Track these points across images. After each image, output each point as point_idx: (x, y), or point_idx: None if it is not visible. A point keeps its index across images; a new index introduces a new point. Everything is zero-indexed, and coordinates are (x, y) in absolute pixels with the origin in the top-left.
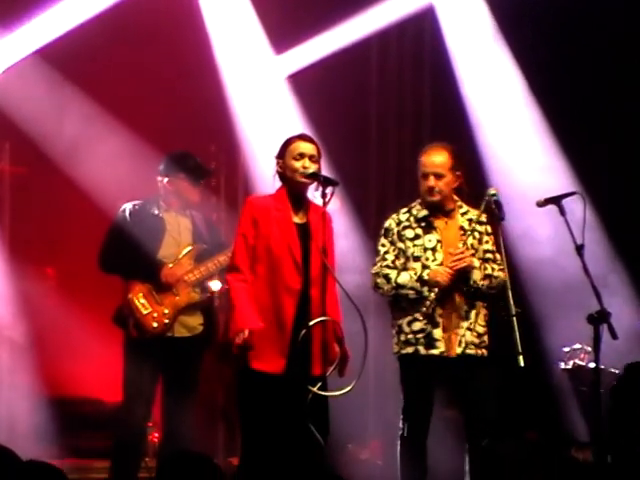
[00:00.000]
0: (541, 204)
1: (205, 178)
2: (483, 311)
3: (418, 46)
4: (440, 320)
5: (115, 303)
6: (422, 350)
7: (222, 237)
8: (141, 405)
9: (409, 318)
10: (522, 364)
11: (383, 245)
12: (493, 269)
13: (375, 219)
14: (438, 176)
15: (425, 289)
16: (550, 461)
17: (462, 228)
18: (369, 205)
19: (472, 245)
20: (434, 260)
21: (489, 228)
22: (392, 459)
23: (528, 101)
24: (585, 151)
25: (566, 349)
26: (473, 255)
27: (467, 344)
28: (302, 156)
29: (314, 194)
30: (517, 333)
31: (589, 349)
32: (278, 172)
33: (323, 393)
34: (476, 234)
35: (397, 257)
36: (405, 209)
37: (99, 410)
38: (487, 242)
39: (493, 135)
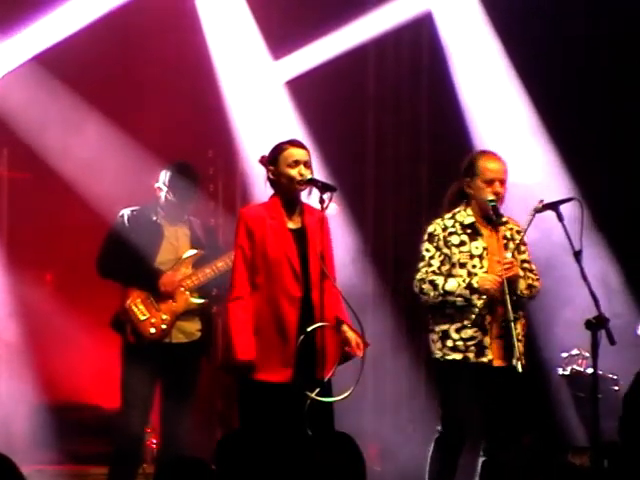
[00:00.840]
0: (539, 210)
1: (189, 200)
2: (523, 321)
3: (415, 53)
4: (488, 327)
5: (113, 309)
6: (472, 357)
7: (220, 243)
8: (139, 411)
9: (457, 325)
10: (520, 369)
11: (428, 250)
12: (532, 279)
13: (373, 224)
14: (502, 182)
15: (475, 297)
16: (548, 466)
17: (505, 237)
18: (366, 211)
19: (513, 255)
20: (481, 267)
21: (525, 238)
22: (390, 465)
23: (527, 108)
24: (586, 157)
25: (564, 355)
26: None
27: (520, 355)
28: (297, 163)
29: (308, 198)
30: (515, 339)
31: (587, 355)
32: (270, 179)
33: (321, 399)
34: (512, 243)
35: (442, 263)
36: (449, 215)
37: (97, 416)
38: (524, 252)
39: (491, 142)
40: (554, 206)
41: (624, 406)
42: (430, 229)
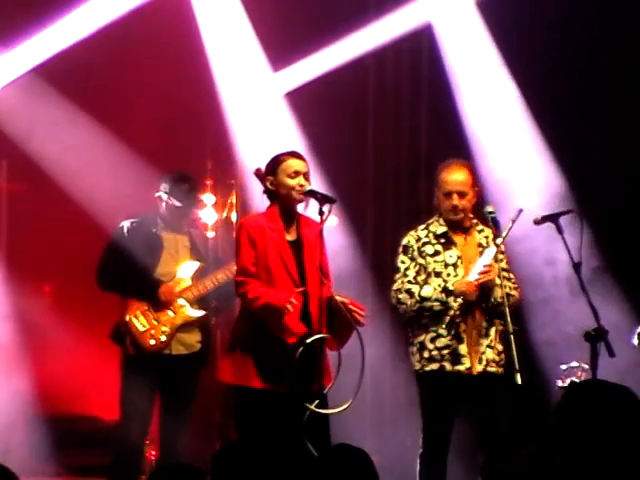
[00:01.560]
0: (538, 222)
1: (190, 207)
2: (500, 328)
3: (415, 64)
4: (464, 336)
5: (112, 320)
6: (448, 366)
7: (220, 255)
8: (138, 423)
9: (432, 334)
10: (519, 382)
11: (403, 262)
12: (510, 287)
13: (372, 236)
14: (461, 194)
15: (451, 299)
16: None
17: (480, 245)
18: (366, 222)
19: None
20: (455, 276)
21: (503, 247)
22: (389, 476)
23: (527, 118)
24: (584, 167)
25: (563, 367)
26: None
27: (488, 362)
28: (297, 174)
29: (305, 210)
30: (514, 351)
31: (586, 367)
32: (269, 190)
33: (320, 410)
34: (499, 250)
35: (418, 273)
36: (423, 226)
37: (96, 427)
38: (502, 260)
39: (491, 152)
40: (553, 218)
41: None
42: (404, 241)
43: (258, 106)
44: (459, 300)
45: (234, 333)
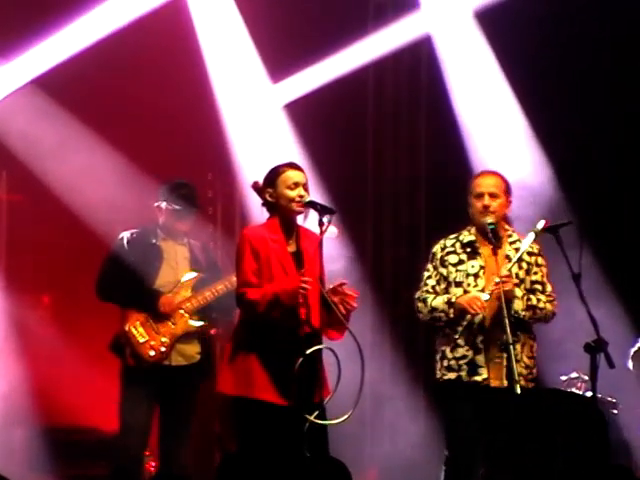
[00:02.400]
0: (537, 233)
1: (189, 210)
2: (529, 342)
3: (415, 75)
4: (482, 346)
5: (112, 331)
6: (464, 376)
7: (219, 266)
8: (138, 434)
9: (452, 345)
10: (518, 392)
11: (427, 270)
12: (539, 300)
13: (372, 248)
14: (493, 196)
15: (451, 311)
16: None
17: (508, 257)
18: (365, 234)
19: (517, 275)
20: (475, 286)
21: (540, 259)
22: None
23: (527, 129)
24: (584, 179)
25: (563, 378)
26: (517, 285)
27: (518, 377)
28: (297, 185)
29: (304, 222)
30: (514, 362)
31: (586, 378)
32: (269, 202)
33: (320, 422)
34: (524, 264)
35: (438, 283)
36: (453, 235)
37: (96, 439)
38: (536, 273)
39: (491, 164)
40: (553, 229)
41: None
42: (433, 249)
43: (258, 118)
44: (467, 317)
45: (234, 344)
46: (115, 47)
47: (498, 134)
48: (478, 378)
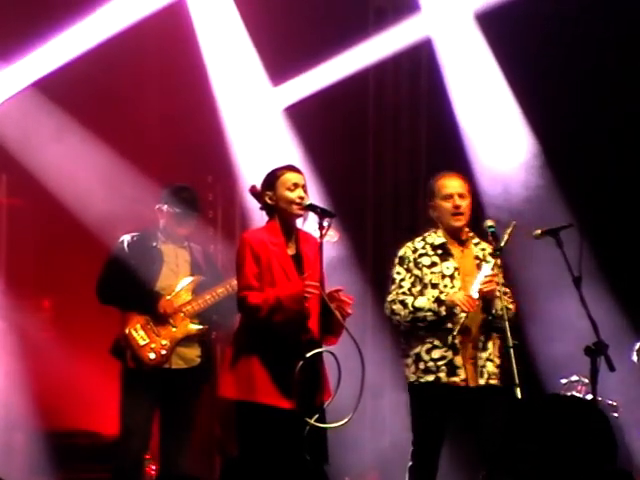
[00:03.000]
0: (538, 236)
1: (188, 217)
2: (497, 342)
3: (415, 78)
4: (460, 347)
5: (112, 335)
6: (444, 378)
7: (220, 269)
8: (138, 437)
9: (427, 346)
10: (519, 396)
11: (399, 273)
12: (507, 301)
13: (372, 250)
14: (461, 196)
15: (442, 309)
16: None
17: (477, 257)
18: (366, 236)
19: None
20: (452, 287)
21: (499, 261)
22: None
23: (527, 131)
24: (583, 180)
25: (563, 381)
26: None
27: (490, 375)
28: (296, 186)
29: (303, 225)
30: (514, 365)
31: (586, 381)
32: (268, 204)
33: (320, 425)
34: (495, 263)
35: (413, 285)
36: (419, 238)
37: (96, 442)
38: (497, 275)
39: (491, 167)
40: (553, 232)
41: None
42: (400, 252)
43: (258, 121)
44: (462, 315)
45: (235, 348)
46: (115, 50)
47: (499, 137)
48: (456, 379)
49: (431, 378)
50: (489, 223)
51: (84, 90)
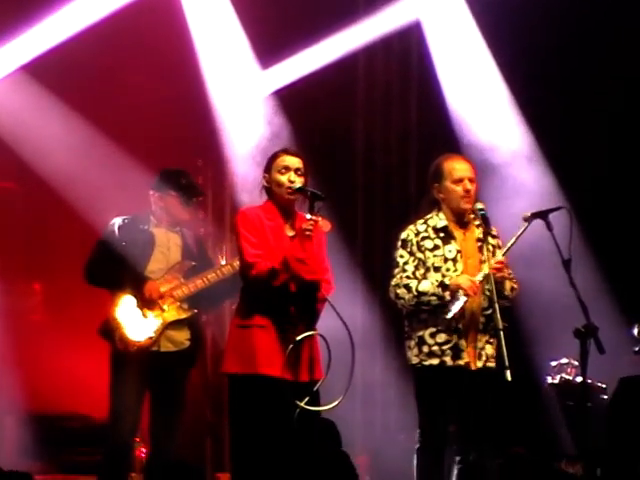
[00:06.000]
0: (527, 218)
1: (196, 198)
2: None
3: (405, 61)
4: (464, 331)
5: (101, 317)
6: (449, 361)
7: (210, 257)
8: (128, 420)
9: (431, 330)
10: (509, 378)
11: (402, 256)
12: (513, 280)
13: (363, 234)
14: (471, 181)
15: (447, 294)
16: (538, 475)
17: (479, 239)
18: (357, 220)
19: (487, 257)
20: (455, 270)
21: (499, 242)
22: (380, 475)
23: (516, 116)
24: (575, 165)
25: (553, 363)
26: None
27: (488, 357)
28: (287, 169)
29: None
30: (504, 347)
31: (576, 363)
32: (265, 187)
33: (311, 408)
34: (489, 247)
35: (417, 268)
36: (421, 220)
37: (86, 425)
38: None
39: (481, 150)
40: (543, 215)
41: (609, 414)
42: (403, 235)
43: (247, 104)
44: (463, 298)
45: (236, 325)
46: (105, 34)
47: (488, 119)
48: (461, 362)
49: (436, 362)
50: (479, 206)
51: (73, 73)
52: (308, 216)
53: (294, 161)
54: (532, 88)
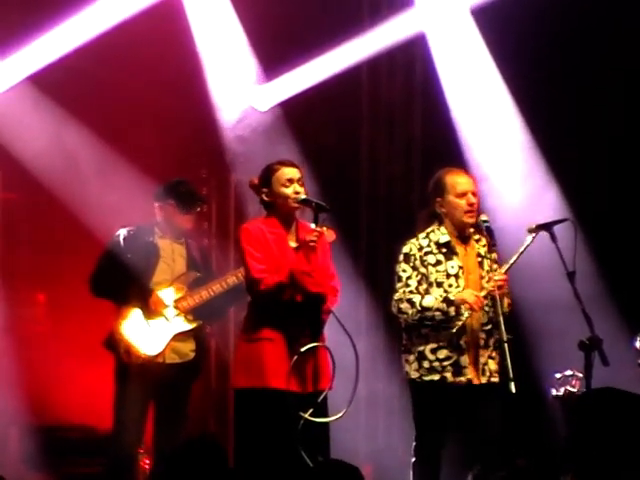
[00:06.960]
0: (532, 230)
1: (195, 206)
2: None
3: (409, 74)
4: (465, 347)
5: (107, 329)
6: (450, 377)
7: (214, 266)
8: (132, 431)
9: (432, 345)
10: (513, 390)
11: (404, 271)
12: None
13: (366, 245)
14: (474, 194)
15: (452, 309)
16: None
17: (479, 255)
18: (360, 231)
19: (487, 272)
20: (457, 287)
21: (495, 256)
22: None
23: (521, 128)
24: (580, 174)
25: (558, 375)
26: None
27: (491, 373)
28: (291, 181)
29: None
30: (509, 360)
31: (581, 375)
32: (265, 201)
33: (315, 419)
34: (487, 261)
35: (420, 282)
36: (423, 234)
37: (89, 436)
38: (496, 270)
39: (485, 162)
40: (548, 227)
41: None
42: (405, 249)
43: (252, 115)
44: (466, 313)
45: (244, 338)
46: (109, 44)
47: (494, 133)
48: (462, 379)
49: (436, 377)
50: (484, 218)
51: (78, 83)
52: (313, 226)
53: (295, 172)
54: (539, 100)
